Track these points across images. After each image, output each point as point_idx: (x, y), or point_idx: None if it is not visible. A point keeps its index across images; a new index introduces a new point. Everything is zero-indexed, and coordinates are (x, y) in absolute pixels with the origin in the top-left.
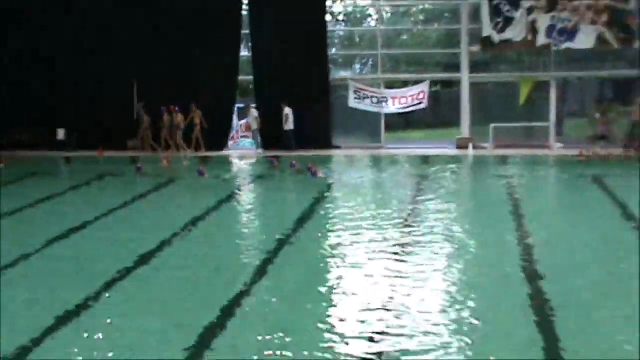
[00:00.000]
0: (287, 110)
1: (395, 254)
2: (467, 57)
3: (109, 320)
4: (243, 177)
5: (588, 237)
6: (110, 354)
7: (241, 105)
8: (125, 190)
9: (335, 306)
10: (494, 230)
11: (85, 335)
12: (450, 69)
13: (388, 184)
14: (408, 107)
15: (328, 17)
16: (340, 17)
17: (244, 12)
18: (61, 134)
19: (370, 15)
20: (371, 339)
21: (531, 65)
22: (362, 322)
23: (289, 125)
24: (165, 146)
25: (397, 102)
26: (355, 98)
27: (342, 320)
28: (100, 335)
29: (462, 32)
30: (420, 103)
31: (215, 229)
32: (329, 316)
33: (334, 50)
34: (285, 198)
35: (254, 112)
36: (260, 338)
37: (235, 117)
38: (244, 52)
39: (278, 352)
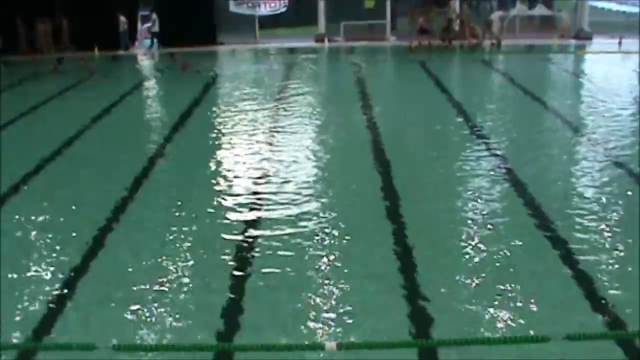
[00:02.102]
0: (154, 16)
1: (271, 128)
2: None
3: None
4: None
5: (415, 106)
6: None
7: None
8: (55, 84)
9: (225, 174)
10: (346, 105)
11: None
12: None
13: (265, 71)
14: (276, 9)
15: None
16: None
17: None
18: None
19: None
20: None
21: None
22: (244, 188)
23: (155, 28)
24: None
25: (268, 5)
26: (235, 3)
27: (230, 184)
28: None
29: None
30: (285, 6)
31: (126, 113)
32: (220, 181)
33: None
34: (181, 87)
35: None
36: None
37: (139, 23)
38: None
39: (177, 210)
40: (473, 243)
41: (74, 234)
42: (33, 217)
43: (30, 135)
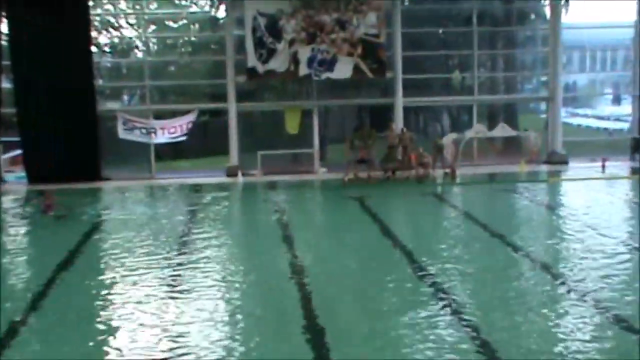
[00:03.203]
0: None
1: (169, 289)
2: (234, 87)
3: None
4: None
5: (353, 256)
6: None
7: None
8: None
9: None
10: (266, 254)
11: None
12: (217, 99)
13: (161, 215)
14: (177, 136)
15: (94, 48)
16: (107, 48)
17: (4, 42)
18: None
19: (137, 47)
20: None
21: (294, 94)
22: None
23: None
24: None
25: (167, 132)
26: (125, 129)
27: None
28: None
29: (227, 63)
30: (189, 132)
31: None
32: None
33: (101, 82)
34: (47, 236)
35: None
36: None
37: None
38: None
39: None
40: None
41: None
42: None
43: None
